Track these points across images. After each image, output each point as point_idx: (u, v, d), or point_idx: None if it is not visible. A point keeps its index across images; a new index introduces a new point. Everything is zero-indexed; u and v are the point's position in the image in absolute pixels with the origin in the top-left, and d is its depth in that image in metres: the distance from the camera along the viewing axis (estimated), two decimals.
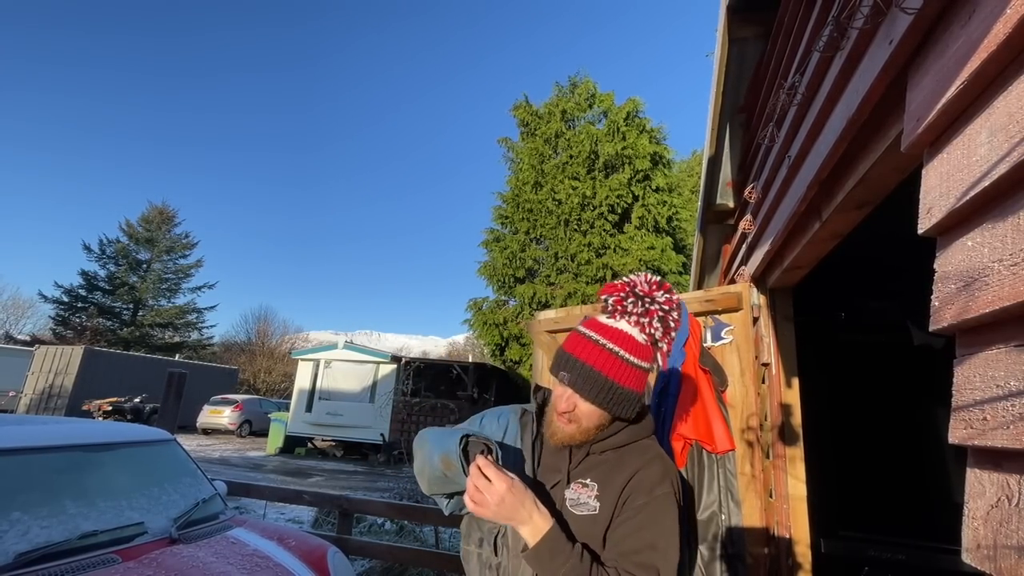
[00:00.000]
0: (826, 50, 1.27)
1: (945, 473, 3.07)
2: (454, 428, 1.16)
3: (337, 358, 16.05)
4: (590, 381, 1.03)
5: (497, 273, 17.10)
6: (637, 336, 1.05)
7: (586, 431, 1.08)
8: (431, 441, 1.13)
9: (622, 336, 1.05)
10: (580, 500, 1.09)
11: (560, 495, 1.11)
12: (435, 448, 1.09)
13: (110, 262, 30.17)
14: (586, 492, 1.10)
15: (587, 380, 1.03)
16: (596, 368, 1.03)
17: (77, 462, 2.43)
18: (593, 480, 1.10)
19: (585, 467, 1.13)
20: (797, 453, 2.27)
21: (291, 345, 37.73)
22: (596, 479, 1.11)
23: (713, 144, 2.79)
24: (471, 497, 0.96)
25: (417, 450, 1.19)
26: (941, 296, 0.78)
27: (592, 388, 1.03)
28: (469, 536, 1.21)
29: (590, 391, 1.03)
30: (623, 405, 1.05)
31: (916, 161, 1.01)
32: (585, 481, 1.11)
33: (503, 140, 18.82)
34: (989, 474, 0.68)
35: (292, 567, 2.41)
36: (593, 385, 1.03)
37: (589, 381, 1.03)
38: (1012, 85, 0.66)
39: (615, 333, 1.05)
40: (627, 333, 1.05)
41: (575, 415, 1.07)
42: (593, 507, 1.08)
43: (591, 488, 1.10)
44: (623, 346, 1.04)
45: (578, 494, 1.10)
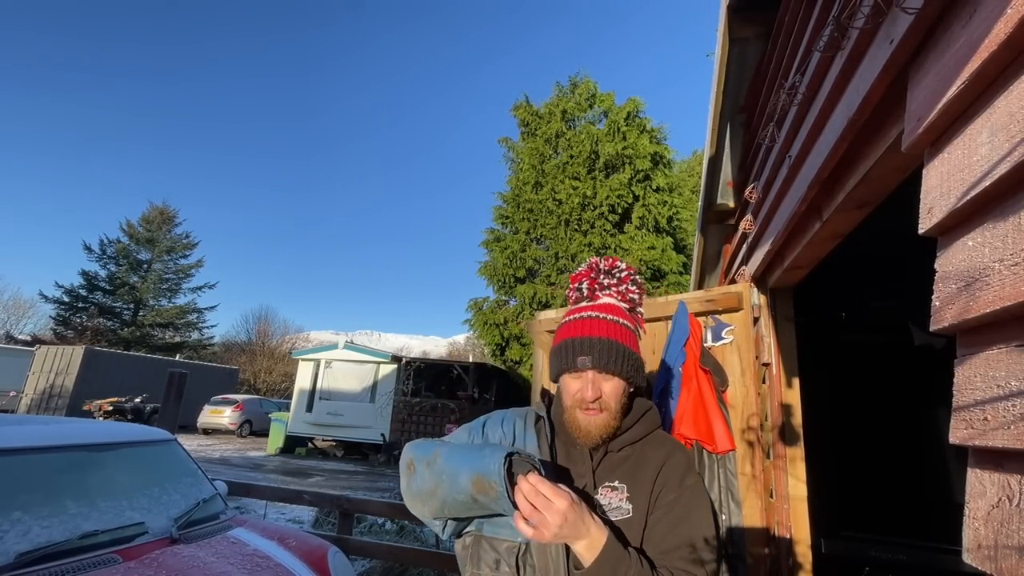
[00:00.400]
0: (827, 50, 1.27)
1: (946, 473, 3.07)
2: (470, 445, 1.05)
3: (337, 358, 16.06)
4: (612, 354, 1.02)
5: (497, 273, 17.09)
6: (621, 305, 1.10)
7: (616, 415, 1.05)
8: (449, 459, 1.00)
9: (613, 308, 1.09)
10: (612, 505, 1.04)
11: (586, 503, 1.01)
12: (462, 468, 0.96)
13: (111, 262, 30.21)
14: (617, 495, 1.05)
15: (610, 354, 1.02)
16: (613, 339, 1.03)
17: (78, 462, 2.43)
18: (620, 481, 1.06)
19: (607, 468, 1.09)
20: (798, 453, 2.27)
21: (291, 345, 37.76)
22: (623, 479, 1.06)
23: (713, 144, 2.79)
24: (529, 518, 0.87)
25: (422, 467, 1.04)
26: (942, 296, 0.77)
27: (616, 360, 1.02)
28: (479, 559, 1.06)
29: (615, 364, 1.02)
30: (639, 371, 1.06)
31: (917, 161, 1.01)
32: (613, 484, 1.06)
33: (503, 140, 18.82)
34: (990, 474, 0.68)
35: (292, 567, 2.41)
36: (616, 357, 1.02)
37: (611, 354, 1.02)
38: (1013, 85, 0.66)
39: (606, 307, 1.09)
40: (614, 304, 1.10)
41: (604, 401, 1.03)
42: (627, 510, 1.03)
43: (620, 491, 1.05)
44: (619, 315, 1.08)
45: (609, 499, 1.05)
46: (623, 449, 1.10)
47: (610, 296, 1.10)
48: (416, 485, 1.05)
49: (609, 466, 1.09)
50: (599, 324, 1.05)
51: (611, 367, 1.02)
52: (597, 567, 0.90)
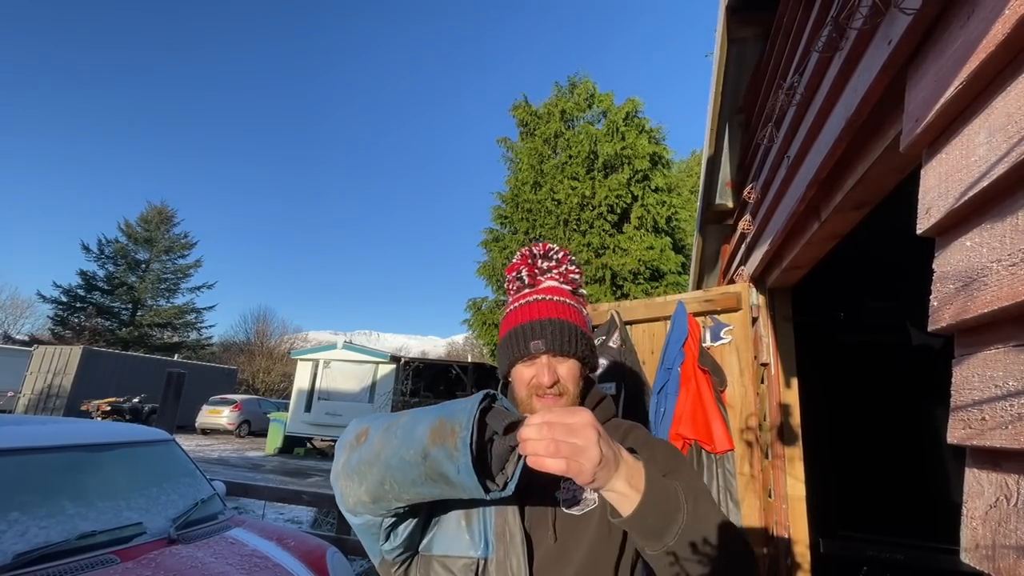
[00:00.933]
0: (825, 50, 1.27)
1: (944, 473, 3.07)
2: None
3: (336, 358, 16.04)
4: (565, 334, 0.96)
5: (496, 273, 17.08)
6: (564, 287, 1.06)
7: (575, 400, 0.97)
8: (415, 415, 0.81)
9: (556, 290, 1.04)
10: (577, 496, 0.92)
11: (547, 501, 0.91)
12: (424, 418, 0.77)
13: (109, 262, 30.14)
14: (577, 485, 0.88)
15: (563, 334, 0.95)
16: (564, 319, 0.97)
17: (76, 462, 2.43)
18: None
19: None
20: (796, 453, 2.27)
21: (290, 345, 37.71)
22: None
23: (712, 144, 2.80)
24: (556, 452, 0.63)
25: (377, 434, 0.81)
26: (940, 296, 0.78)
27: (569, 340, 0.95)
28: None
29: (569, 344, 0.95)
30: (593, 352, 1.02)
31: (915, 161, 1.01)
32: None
33: (502, 140, 18.81)
34: (988, 474, 0.68)
35: (291, 567, 2.41)
36: (569, 336, 0.96)
37: (564, 334, 0.95)
38: (1011, 86, 0.66)
39: (549, 289, 1.04)
40: (557, 286, 1.05)
41: (562, 384, 0.95)
42: (593, 499, 0.91)
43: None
44: (564, 296, 1.03)
45: (572, 491, 0.92)
46: None
47: (552, 279, 1.06)
48: (358, 456, 0.81)
49: None
50: (547, 306, 0.99)
51: (566, 348, 0.95)
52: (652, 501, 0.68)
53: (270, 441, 15.40)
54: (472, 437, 0.69)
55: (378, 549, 0.91)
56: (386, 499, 0.79)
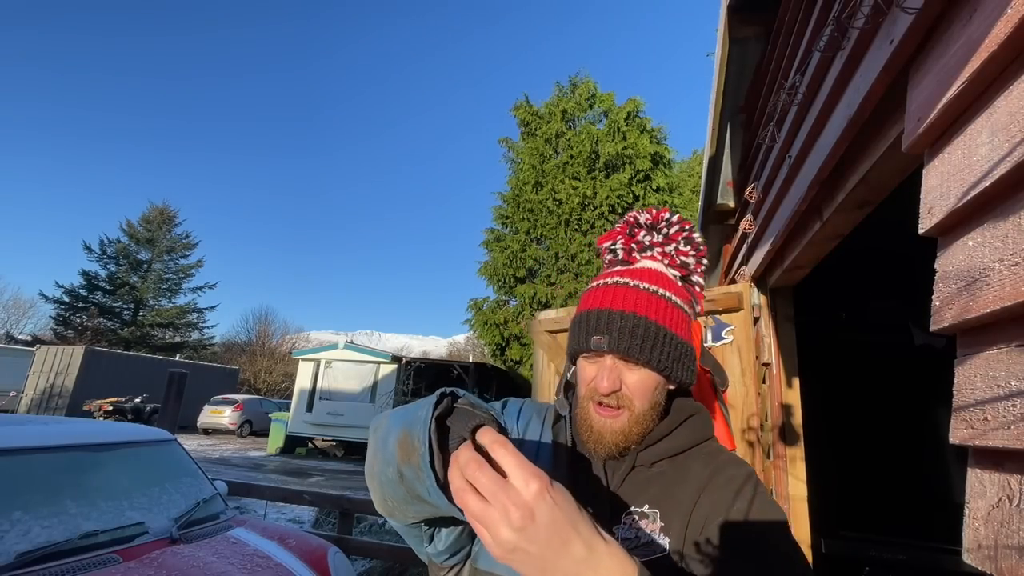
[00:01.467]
0: (827, 50, 1.27)
1: (946, 473, 3.07)
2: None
3: (338, 358, 16.06)
4: (640, 335, 0.72)
5: (498, 273, 17.09)
6: (667, 271, 0.79)
7: (643, 419, 0.75)
8: (391, 417, 0.69)
9: (653, 274, 0.78)
10: (641, 539, 0.72)
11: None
12: (394, 425, 0.65)
13: (111, 262, 30.22)
14: (647, 525, 0.73)
15: (635, 335, 0.72)
16: (644, 315, 0.73)
17: (78, 462, 2.43)
18: (651, 506, 0.75)
19: (633, 488, 0.77)
20: (797, 453, 2.27)
21: (292, 345, 37.79)
22: (654, 502, 0.75)
23: (714, 144, 2.79)
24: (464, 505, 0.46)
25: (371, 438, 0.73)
26: (942, 296, 0.77)
27: (644, 344, 0.72)
28: None
29: (641, 349, 0.72)
30: (682, 363, 0.76)
31: (917, 161, 1.01)
32: (642, 509, 0.75)
33: (504, 140, 18.82)
34: (990, 474, 0.68)
35: (293, 567, 2.41)
36: (645, 339, 0.72)
37: (638, 335, 0.72)
38: (1013, 85, 0.66)
39: (643, 272, 0.78)
40: (655, 269, 0.79)
41: (623, 395, 0.74)
42: (661, 546, 0.71)
43: (651, 518, 0.74)
44: (661, 284, 0.76)
45: (635, 531, 0.73)
46: (656, 464, 0.79)
47: (652, 259, 0.80)
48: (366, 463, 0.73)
49: (636, 485, 0.78)
50: (628, 294, 0.75)
51: (636, 353, 0.72)
52: None
53: (272, 441, 15.43)
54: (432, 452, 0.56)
55: (423, 550, 0.80)
56: (396, 515, 0.70)
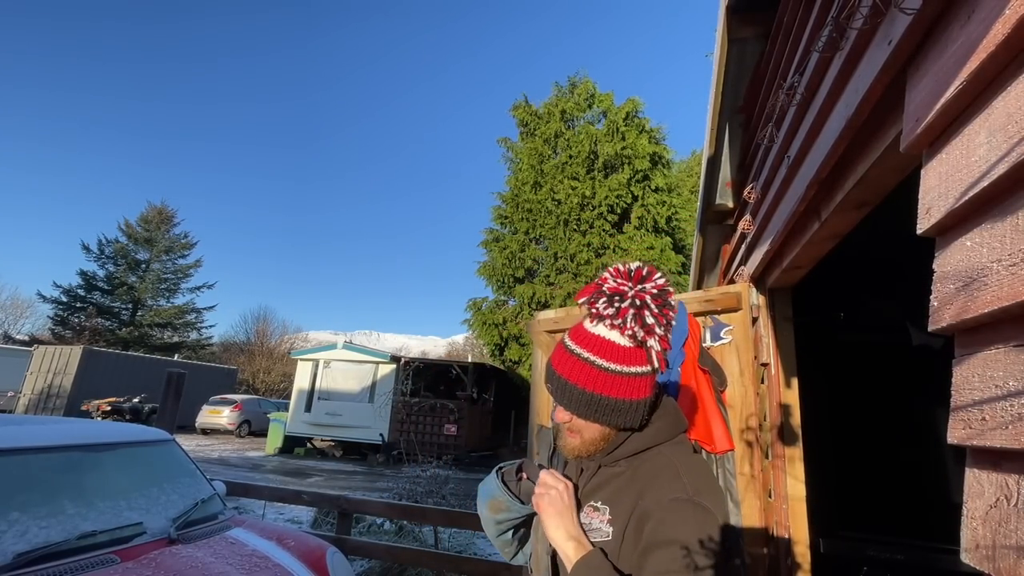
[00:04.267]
0: (825, 50, 1.27)
1: (944, 473, 3.07)
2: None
3: (336, 358, 16.04)
4: (571, 396, 0.96)
5: (496, 273, 17.09)
6: (617, 340, 0.93)
7: (591, 443, 1.00)
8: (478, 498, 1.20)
9: (599, 343, 0.94)
10: (592, 525, 0.99)
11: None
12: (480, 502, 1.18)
13: (109, 262, 30.14)
14: (597, 516, 1.00)
15: (568, 395, 0.96)
16: (573, 382, 0.95)
17: (76, 462, 2.43)
18: (604, 502, 1.01)
19: (596, 484, 1.05)
20: (796, 453, 2.27)
21: (290, 345, 37.72)
22: (607, 499, 1.01)
23: (712, 144, 2.79)
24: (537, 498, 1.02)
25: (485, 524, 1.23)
26: (940, 296, 0.78)
27: (575, 403, 0.96)
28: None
29: (572, 404, 0.96)
30: (615, 416, 0.95)
31: (915, 161, 1.01)
32: (596, 504, 1.01)
33: (503, 140, 18.82)
34: (988, 474, 0.68)
35: (291, 567, 2.41)
36: (574, 399, 0.96)
37: (569, 396, 0.96)
38: (1011, 85, 0.66)
39: (593, 341, 0.94)
40: (605, 339, 0.93)
41: (574, 425, 1.00)
42: (606, 533, 0.97)
43: (602, 512, 0.99)
44: (601, 354, 0.93)
45: (590, 518, 1.00)
46: (618, 464, 1.03)
47: (605, 327, 0.94)
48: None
49: (599, 482, 1.04)
50: (571, 362, 0.95)
51: (570, 407, 0.98)
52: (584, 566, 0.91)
53: (270, 441, 15.40)
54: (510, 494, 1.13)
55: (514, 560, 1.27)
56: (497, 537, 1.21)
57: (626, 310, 0.91)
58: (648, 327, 0.90)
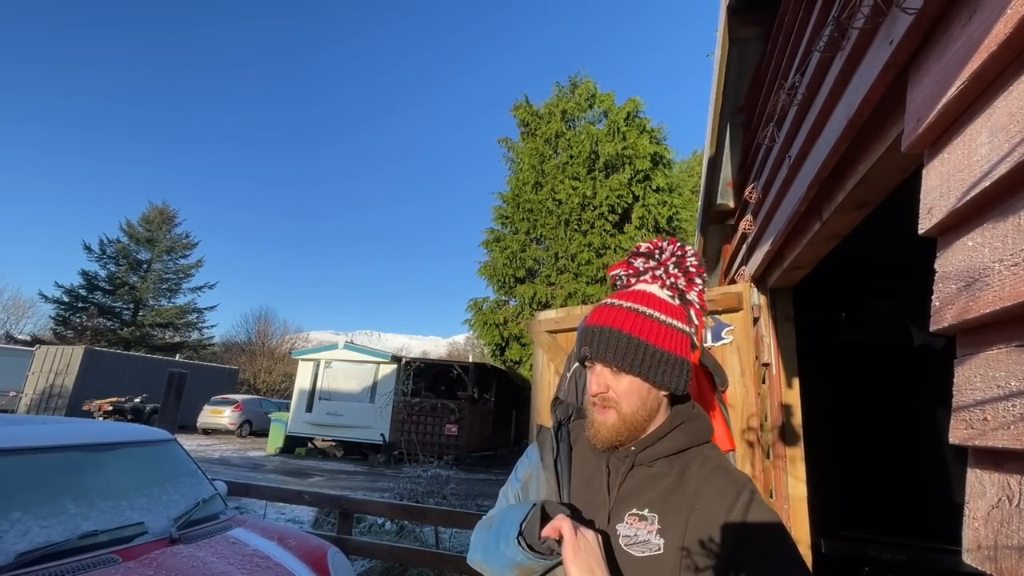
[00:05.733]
0: (826, 50, 1.27)
1: (946, 473, 3.07)
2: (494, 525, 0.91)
3: (337, 358, 16.05)
4: (615, 344, 0.86)
5: (497, 273, 17.09)
6: (659, 292, 0.91)
7: (631, 418, 0.87)
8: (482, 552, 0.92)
9: (642, 295, 0.91)
10: (638, 537, 0.84)
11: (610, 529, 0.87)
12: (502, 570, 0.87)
13: (110, 262, 30.18)
14: (644, 526, 0.84)
15: (610, 344, 0.86)
16: (618, 328, 0.86)
17: (77, 462, 2.43)
18: (651, 510, 0.86)
19: (633, 487, 0.89)
20: (797, 453, 2.27)
21: (291, 345, 37.75)
22: (653, 506, 0.86)
23: (713, 144, 2.79)
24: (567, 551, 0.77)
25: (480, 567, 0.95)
26: (942, 296, 0.77)
27: (619, 351, 0.86)
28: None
29: (617, 355, 0.86)
30: (664, 370, 0.87)
31: (917, 161, 1.01)
32: (641, 512, 0.86)
33: (503, 140, 18.82)
34: (990, 474, 0.68)
35: (292, 567, 2.41)
36: (619, 347, 0.85)
37: (614, 344, 0.86)
38: (1013, 85, 0.66)
39: (634, 294, 0.92)
40: (647, 291, 0.91)
41: (609, 397, 0.88)
42: (656, 545, 0.82)
43: (650, 520, 0.85)
44: (645, 303, 0.89)
45: (635, 529, 0.85)
46: (656, 463, 0.90)
47: (646, 282, 0.93)
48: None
49: (636, 484, 0.89)
50: (612, 312, 0.89)
51: (613, 359, 0.86)
52: None
53: (271, 441, 15.42)
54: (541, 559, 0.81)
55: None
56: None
57: (667, 259, 0.92)
58: (689, 275, 0.91)
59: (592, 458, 0.95)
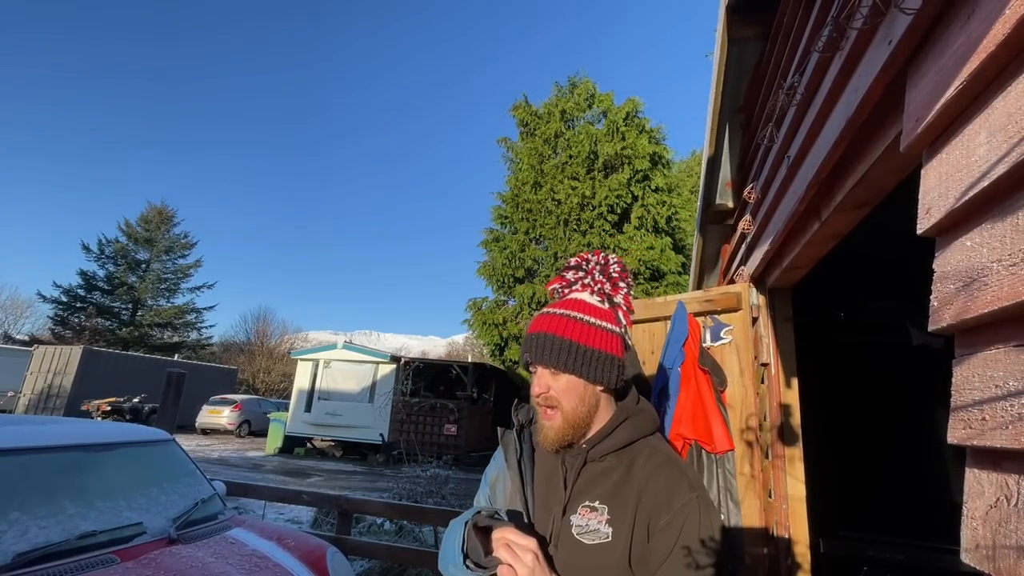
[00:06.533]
0: (825, 50, 1.27)
1: (944, 473, 3.07)
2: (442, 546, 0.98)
3: (336, 358, 16.04)
4: (549, 347, 0.94)
5: (496, 273, 17.09)
6: (588, 298, 1.00)
7: (573, 415, 0.95)
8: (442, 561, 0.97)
9: (573, 302, 1.00)
10: (589, 527, 0.93)
11: (564, 520, 0.96)
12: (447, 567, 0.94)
13: (109, 262, 30.14)
14: (595, 517, 0.93)
15: (546, 347, 0.95)
16: (552, 332, 0.95)
17: (76, 462, 2.42)
18: (601, 501, 0.95)
19: (586, 482, 0.98)
20: (796, 453, 2.27)
21: (290, 345, 37.72)
22: (604, 498, 0.95)
23: (712, 144, 2.79)
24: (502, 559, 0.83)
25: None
26: (940, 296, 0.77)
27: (553, 353, 0.94)
28: None
29: (551, 356, 0.94)
30: (596, 367, 0.95)
31: (915, 161, 1.01)
32: (593, 504, 0.95)
33: (503, 140, 18.82)
34: (988, 474, 0.68)
35: (291, 567, 2.41)
36: (553, 349, 0.94)
37: (547, 347, 0.94)
38: (1011, 85, 0.66)
39: (566, 302, 1.01)
40: (577, 298, 1.01)
41: (550, 397, 0.95)
42: (605, 534, 0.92)
43: (600, 512, 0.94)
44: (575, 308, 0.98)
45: (586, 520, 0.94)
46: (606, 458, 0.98)
47: (576, 291, 1.02)
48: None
49: (589, 479, 0.98)
50: (547, 319, 0.98)
51: (549, 360, 0.94)
52: None
53: (270, 441, 15.41)
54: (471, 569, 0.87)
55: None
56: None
57: (593, 268, 1.02)
58: (613, 280, 1.00)
59: (551, 457, 1.03)
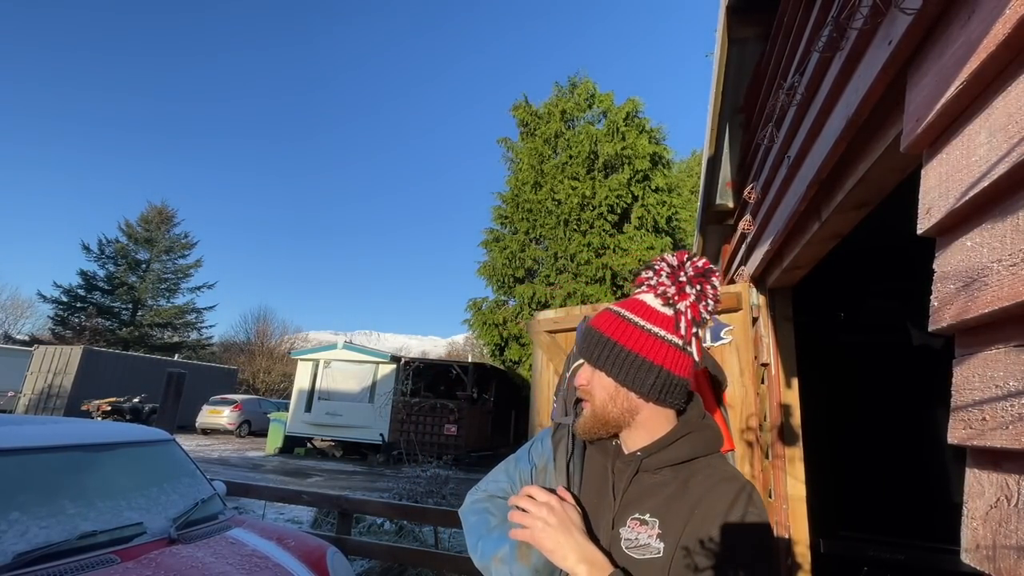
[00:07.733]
0: (825, 50, 1.27)
1: (944, 473, 3.07)
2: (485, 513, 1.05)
3: (336, 358, 16.04)
4: (593, 342, 0.94)
5: (497, 273, 17.09)
6: (650, 301, 0.94)
7: (601, 413, 0.93)
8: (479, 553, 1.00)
9: (633, 302, 0.96)
10: (640, 541, 0.87)
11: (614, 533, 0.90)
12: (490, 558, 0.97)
13: (109, 262, 30.14)
14: (646, 530, 0.87)
15: (588, 341, 0.95)
16: (599, 329, 0.94)
17: (76, 462, 2.43)
18: (652, 515, 0.88)
19: (637, 493, 0.92)
20: (796, 453, 2.27)
21: (290, 345, 37.72)
22: (655, 512, 0.88)
23: (713, 144, 2.79)
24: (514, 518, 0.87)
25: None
26: (940, 296, 0.77)
27: (590, 348, 0.94)
28: None
29: (591, 352, 0.93)
30: (630, 371, 0.90)
31: (915, 161, 1.01)
32: (643, 517, 0.89)
33: (503, 140, 18.81)
34: (988, 474, 0.68)
35: (291, 567, 2.41)
36: (591, 344, 0.94)
37: (592, 342, 0.94)
38: (1011, 85, 0.66)
39: (628, 302, 0.97)
40: (640, 300, 0.96)
41: (589, 390, 0.95)
42: (656, 549, 0.85)
43: (651, 525, 0.87)
44: (631, 309, 0.94)
45: (636, 533, 0.88)
46: (661, 471, 0.92)
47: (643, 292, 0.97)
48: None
49: (640, 489, 0.92)
50: (602, 316, 0.97)
51: (588, 356, 0.94)
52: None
53: (270, 441, 15.40)
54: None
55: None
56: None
57: (662, 270, 0.94)
58: (680, 285, 0.90)
59: (600, 462, 0.99)
